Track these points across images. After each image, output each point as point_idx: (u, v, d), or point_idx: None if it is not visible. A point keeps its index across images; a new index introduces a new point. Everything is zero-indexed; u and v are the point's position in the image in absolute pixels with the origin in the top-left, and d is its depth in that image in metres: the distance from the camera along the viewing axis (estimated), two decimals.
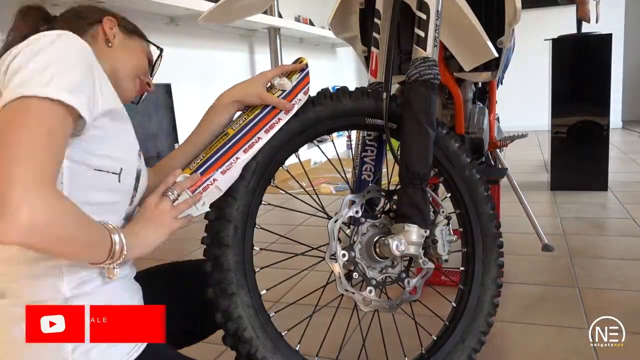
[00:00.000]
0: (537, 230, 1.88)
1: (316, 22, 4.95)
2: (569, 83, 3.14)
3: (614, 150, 4.08)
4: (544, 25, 5.62)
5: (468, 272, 1.20)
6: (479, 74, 1.49)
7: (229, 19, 1.47)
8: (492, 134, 1.76)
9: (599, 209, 2.73)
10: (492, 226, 1.21)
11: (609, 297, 1.68)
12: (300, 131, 1.00)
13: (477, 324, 1.17)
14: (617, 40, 4.44)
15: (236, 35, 3.93)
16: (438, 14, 1.06)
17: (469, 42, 1.30)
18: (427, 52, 1.05)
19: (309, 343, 1.11)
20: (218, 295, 0.93)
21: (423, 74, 1.03)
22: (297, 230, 2.64)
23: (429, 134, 1.03)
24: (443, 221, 1.06)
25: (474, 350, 1.16)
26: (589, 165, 3.12)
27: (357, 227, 1.03)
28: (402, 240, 0.99)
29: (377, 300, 1.03)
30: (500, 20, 1.39)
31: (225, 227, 0.93)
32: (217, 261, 0.93)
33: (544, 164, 3.97)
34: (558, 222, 2.52)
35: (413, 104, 1.04)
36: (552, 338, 1.44)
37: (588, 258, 2.03)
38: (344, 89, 1.06)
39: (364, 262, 1.03)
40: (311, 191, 1.17)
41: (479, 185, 1.19)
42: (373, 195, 1.07)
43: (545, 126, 3.47)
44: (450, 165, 1.17)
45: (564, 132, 3.18)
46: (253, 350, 0.93)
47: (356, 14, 1.47)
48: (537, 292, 1.75)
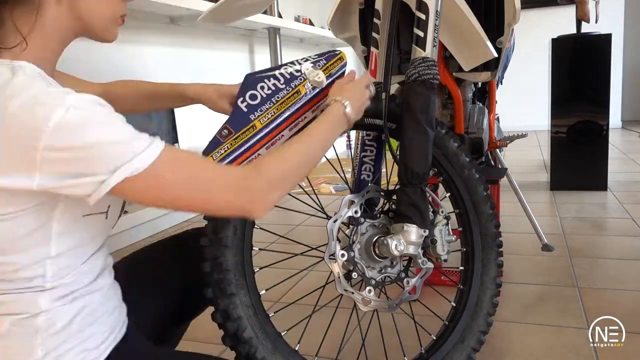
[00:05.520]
0: (537, 230, 1.88)
1: (316, 22, 4.95)
2: (568, 83, 3.14)
3: (613, 150, 4.08)
4: (544, 25, 5.63)
5: (467, 272, 1.20)
6: (479, 74, 1.49)
7: (229, 19, 1.47)
8: (492, 134, 1.76)
9: (599, 209, 2.73)
10: (492, 226, 1.21)
11: (609, 297, 1.67)
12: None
13: (477, 324, 1.17)
14: (617, 40, 4.44)
15: (236, 35, 3.93)
16: (437, 14, 1.06)
17: (469, 42, 1.30)
18: (426, 52, 1.05)
19: (308, 343, 1.11)
20: (217, 296, 0.93)
21: (422, 74, 1.03)
22: (296, 230, 2.64)
23: (428, 133, 1.04)
24: (442, 221, 1.06)
25: (474, 349, 1.16)
26: (588, 165, 3.12)
27: (357, 227, 1.03)
28: (401, 240, 0.99)
29: (376, 300, 1.03)
30: (500, 20, 1.39)
31: (224, 228, 0.93)
32: (216, 262, 0.93)
33: (543, 164, 3.97)
34: (558, 222, 2.52)
35: (412, 104, 1.04)
36: (552, 338, 1.44)
37: (588, 258, 2.03)
38: None
39: (363, 262, 1.03)
40: (310, 191, 1.17)
41: (478, 185, 1.19)
42: (372, 195, 1.07)
43: (545, 126, 3.47)
44: (450, 165, 1.17)
45: (563, 132, 3.18)
46: (252, 351, 0.94)
47: (356, 14, 1.47)
48: (537, 292, 1.75)
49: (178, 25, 3.20)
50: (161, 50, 3.06)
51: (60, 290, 0.71)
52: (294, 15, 4.80)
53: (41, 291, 0.70)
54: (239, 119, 0.90)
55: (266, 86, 0.92)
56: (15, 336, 0.69)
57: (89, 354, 0.73)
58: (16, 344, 0.69)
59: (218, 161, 0.88)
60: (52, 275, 0.70)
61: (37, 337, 0.69)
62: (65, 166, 0.61)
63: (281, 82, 0.92)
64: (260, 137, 0.90)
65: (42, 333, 0.69)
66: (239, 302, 0.93)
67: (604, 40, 3.03)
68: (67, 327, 0.71)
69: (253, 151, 0.90)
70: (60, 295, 0.71)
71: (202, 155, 0.89)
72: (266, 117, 0.91)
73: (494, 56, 1.29)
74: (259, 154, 0.91)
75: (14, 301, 0.69)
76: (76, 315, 0.73)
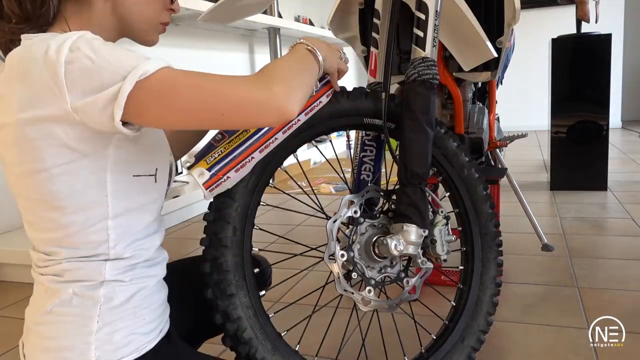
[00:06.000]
0: (536, 230, 1.88)
1: (316, 22, 4.95)
2: (568, 83, 3.14)
3: (613, 150, 4.08)
4: (544, 25, 5.63)
5: (467, 271, 1.20)
6: (479, 74, 1.49)
7: (229, 19, 1.47)
8: (492, 133, 1.76)
9: (599, 209, 2.73)
10: (491, 225, 1.21)
11: (609, 297, 1.67)
12: (299, 132, 1.00)
13: (477, 323, 1.17)
14: (617, 40, 4.44)
15: (236, 35, 3.93)
16: (437, 14, 1.06)
17: (468, 42, 1.30)
18: (426, 52, 1.05)
19: (308, 343, 1.11)
20: (217, 297, 0.93)
21: (422, 74, 1.03)
22: (296, 230, 2.64)
23: (428, 133, 1.03)
24: (442, 221, 1.06)
25: (474, 349, 1.16)
26: (588, 165, 3.12)
27: (356, 227, 1.03)
28: (401, 240, 0.99)
29: (376, 300, 1.03)
30: (500, 20, 1.39)
31: (224, 228, 0.93)
32: (216, 262, 0.93)
33: (543, 164, 3.97)
34: (558, 222, 2.52)
35: (412, 104, 1.04)
36: (552, 338, 1.44)
37: (588, 258, 2.03)
38: (342, 89, 1.06)
39: (362, 262, 1.03)
40: (310, 191, 1.17)
41: (477, 185, 1.19)
42: (372, 195, 1.07)
43: (545, 126, 3.47)
44: (449, 164, 1.17)
45: (563, 132, 3.18)
46: (252, 351, 0.94)
47: (355, 14, 1.47)
48: (537, 292, 1.75)
49: (178, 25, 3.20)
50: (161, 50, 3.06)
51: (122, 262, 0.77)
52: (294, 15, 4.80)
53: (105, 260, 0.75)
54: None
55: None
56: (76, 305, 0.74)
57: (137, 337, 0.77)
58: (76, 312, 0.74)
59: (211, 166, 0.88)
60: (115, 240, 0.75)
61: (95, 309, 0.74)
62: (84, 80, 0.64)
63: None
64: (253, 140, 0.91)
65: (101, 306, 0.74)
66: (238, 302, 0.93)
67: (604, 40, 3.02)
68: (124, 305, 0.76)
69: (247, 154, 0.90)
70: (122, 267, 0.76)
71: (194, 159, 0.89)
72: None
73: (494, 56, 1.29)
74: (253, 157, 0.91)
75: (80, 268, 0.74)
76: (133, 296, 0.77)
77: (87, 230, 0.73)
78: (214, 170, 0.88)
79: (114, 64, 0.65)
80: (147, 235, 0.81)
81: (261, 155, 0.93)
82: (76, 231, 0.73)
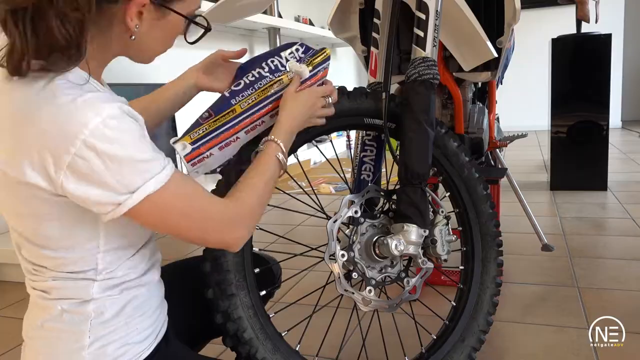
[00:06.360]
0: (536, 230, 1.88)
1: (316, 22, 4.95)
2: (568, 83, 3.14)
3: (613, 150, 4.08)
4: (544, 25, 5.63)
5: (467, 271, 1.20)
6: (479, 74, 1.49)
7: (229, 19, 1.47)
8: (492, 134, 1.76)
9: (599, 209, 2.73)
10: (492, 225, 1.21)
11: (609, 297, 1.67)
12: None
13: (477, 323, 1.17)
14: (617, 40, 4.44)
15: (236, 35, 3.93)
16: (437, 14, 1.06)
17: (469, 42, 1.30)
18: (426, 52, 1.05)
19: (308, 343, 1.11)
20: (218, 297, 0.93)
21: (422, 74, 1.03)
22: (296, 230, 2.64)
23: (428, 133, 1.04)
24: (442, 221, 1.06)
25: (474, 349, 1.16)
26: (588, 165, 3.12)
27: (356, 227, 1.03)
28: (401, 240, 0.99)
29: (376, 300, 1.03)
30: (500, 20, 1.39)
31: None
32: (216, 262, 0.93)
33: (543, 164, 3.97)
34: (558, 222, 2.51)
35: (412, 104, 1.04)
36: (552, 338, 1.44)
37: (588, 258, 2.03)
38: (342, 89, 1.06)
39: (363, 262, 1.03)
40: (310, 191, 1.17)
41: (478, 184, 1.19)
42: (372, 195, 1.07)
43: (545, 126, 3.47)
44: (449, 164, 1.17)
45: (563, 132, 3.18)
46: (253, 351, 0.94)
47: (356, 14, 1.47)
48: (537, 292, 1.75)
49: None
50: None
51: (110, 282, 0.75)
52: (294, 15, 4.80)
53: (92, 280, 0.74)
54: (220, 103, 0.92)
55: (251, 74, 0.95)
56: (66, 321, 0.73)
57: (132, 347, 0.76)
58: (67, 329, 0.73)
59: (194, 140, 0.88)
60: (104, 266, 0.74)
61: (86, 324, 0.73)
62: (87, 173, 0.64)
63: (265, 70, 0.95)
64: (238, 120, 0.91)
65: (92, 321, 0.73)
66: (239, 302, 0.93)
67: (604, 40, 3.02)
68: (115, 318, 0.75)
69: (232, 133, 0.91)
70: (111, 285, 0.75)
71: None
72: (247, 102, 0.92)
73: (494, 56, 1.29)
74: (238, 137, 0.91)
75: (67, 287, 0.73)
76: (124, 307, 0.76)
77: (76, 261, 0.72)
78: (197, 144, 0.88)
79: (121, 181, 0.65)
80: (138, 255, 0.79)
81: (247, 137, 0.93)
82: (62, 263, 0.72)
